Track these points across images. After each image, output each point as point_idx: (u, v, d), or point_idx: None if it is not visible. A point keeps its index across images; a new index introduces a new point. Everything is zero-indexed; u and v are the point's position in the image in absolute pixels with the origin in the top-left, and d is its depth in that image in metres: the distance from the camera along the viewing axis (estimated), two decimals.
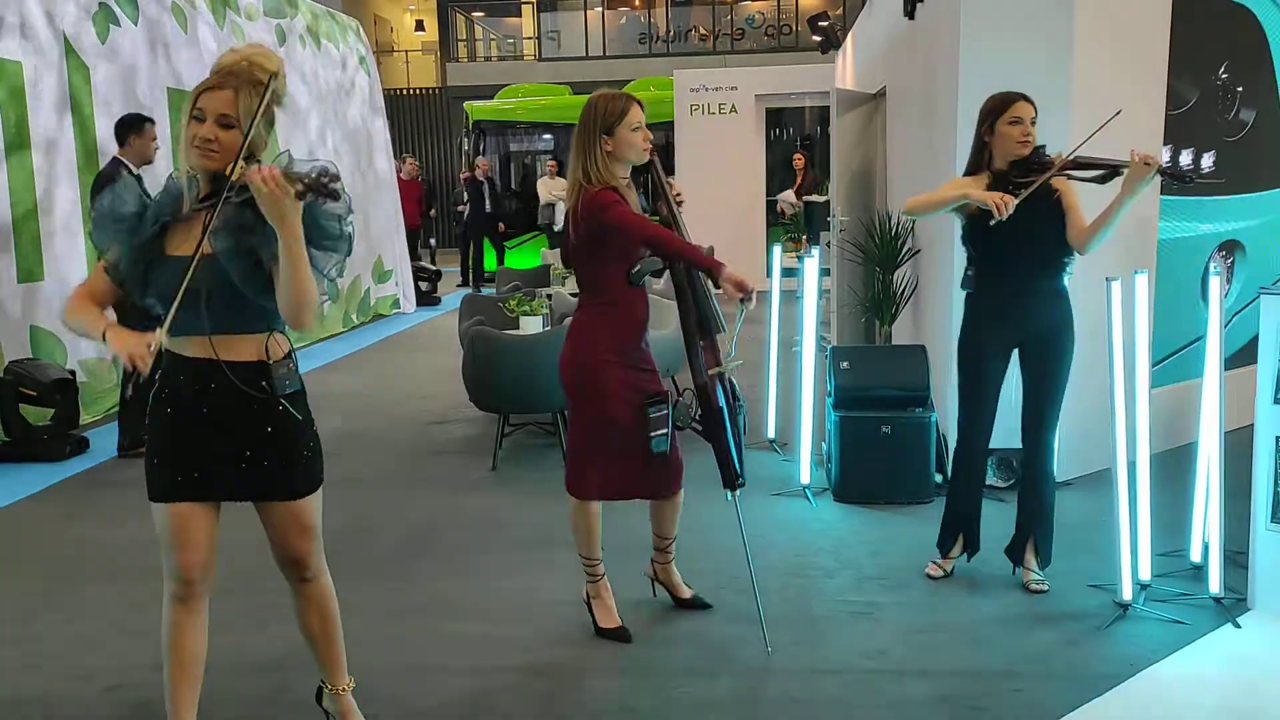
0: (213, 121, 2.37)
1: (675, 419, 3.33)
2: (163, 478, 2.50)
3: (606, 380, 3.35)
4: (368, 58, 12.47)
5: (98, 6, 7.14)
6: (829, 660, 3.35)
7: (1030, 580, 3.85)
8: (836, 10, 19.82)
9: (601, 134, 3.27)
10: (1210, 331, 3.65)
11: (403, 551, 4.44)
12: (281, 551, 2.64)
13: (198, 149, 2.37)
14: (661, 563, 3.73)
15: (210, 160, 2.37)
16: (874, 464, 4.88)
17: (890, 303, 6.67)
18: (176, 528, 2.50)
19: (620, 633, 3.51)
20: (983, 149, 3.72)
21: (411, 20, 27.85)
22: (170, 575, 2.55)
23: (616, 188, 3.28)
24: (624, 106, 3.30)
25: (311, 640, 2.78)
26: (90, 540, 4.64)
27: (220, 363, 2.43)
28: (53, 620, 3.77)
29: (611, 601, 3.58)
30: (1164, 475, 4.11)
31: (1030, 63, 4.81)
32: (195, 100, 2.38)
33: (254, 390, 2.46)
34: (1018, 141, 3.62)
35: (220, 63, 2.45)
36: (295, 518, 2.59)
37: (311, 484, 2.61)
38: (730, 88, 14.09)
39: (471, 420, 6.74)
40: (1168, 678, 3.22)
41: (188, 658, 2.60)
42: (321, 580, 2.72)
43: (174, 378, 2.49)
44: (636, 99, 3.35)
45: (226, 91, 2.37)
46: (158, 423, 2.51)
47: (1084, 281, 4.76)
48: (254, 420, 2.49)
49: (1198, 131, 5.52)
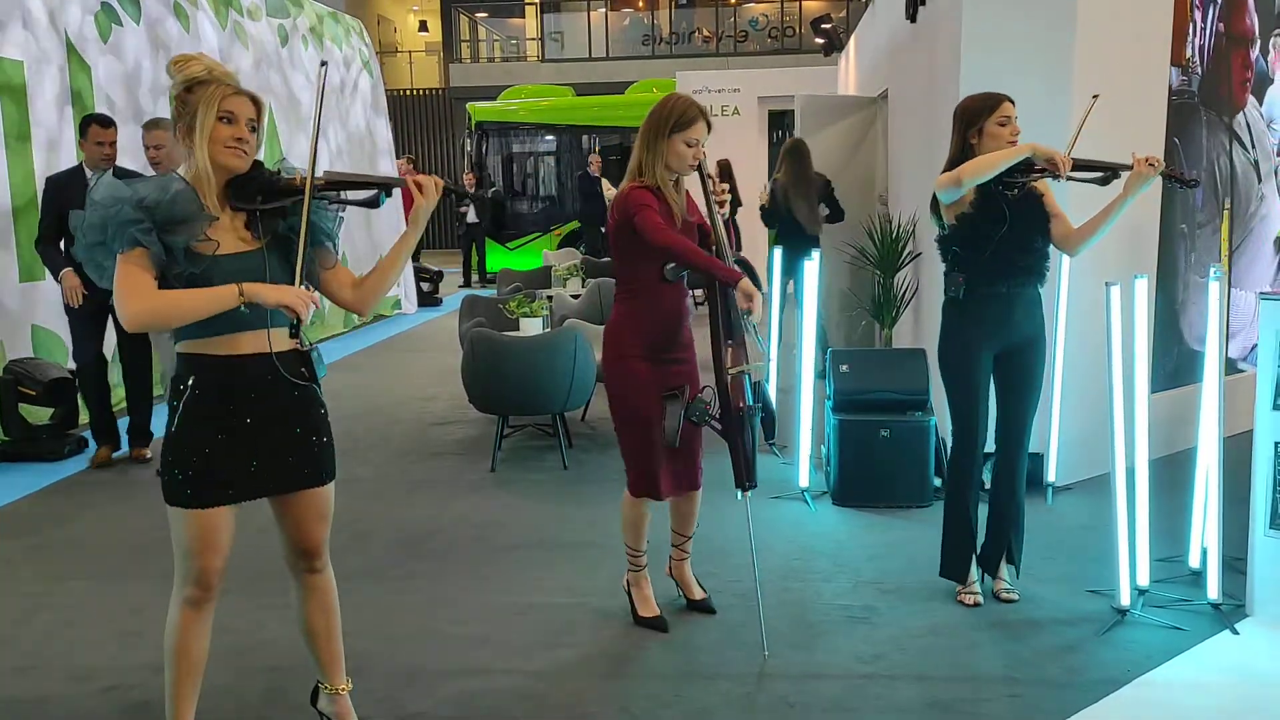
0: (244, 124, 2.46)
1: (691, 414, 3.35)
2: (201, 483, 2.49)
3: (629, 374, 3.42)
4: (370, 58, 12.49)
5: (100, 6, 7.14)
6: (825, 665, 3.34)
7: (1002, 590, 3.81)
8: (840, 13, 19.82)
9: (665, 134, 3.32)
10: (1210, 337, 3.64)
11: (401, 553, 4.44)
12: (300, 542, 2.69)
13: (230, 149, 2.45)
14: (677, 559, 3.75)
15: (240, 160, 2.47)
16: (873, 468, 4.88)
17: (891, 306, 6.66)
18: (207, 532, 2.51)
19: (658, 622, 3.60)
20: (968, 150, 3.67)
21: (415, 21, 27.88)
22: (189, 580, 2.55)
23: (659, 188, 3.34)
24: (691, 118, 3.33)
25: (313, 637, 2.80)
26: (88, 540, 4.64)
27: (271, 355, 2.52)
28: (49, 620, 3.77)
29: (650, 591, 3.67)
30: (1163, 481, 4.11)
31: (1032, 65, 4.81)
32: (220, 103, 2.43)
33: (300, 379, 2.57)
34: (1007, 141, 3.59)
35: (189, 71, 2.46)
36: (323, 503, 2.69)
37: (335, 468, 2.72)
38: (733, 89, 14.10)
39: (471, 422, 6.74)
40: (1166, 684, 3.21)
41: (193, 662, 2.61)
42: (328, 572, 2.78)
43: (221, 378, 2.49)
44: (703, 110, 3.36)
45: (247, 99, 2.48)
46: (205, 428, 2.49)
47: (1083, 286, 4.77)
48: (300, 408, 2.59)
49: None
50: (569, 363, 5.51)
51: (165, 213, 2.38)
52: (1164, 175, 3.48)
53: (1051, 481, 5.02)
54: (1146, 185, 3.46)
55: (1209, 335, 3.65)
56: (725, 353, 3.39)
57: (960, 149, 3.69)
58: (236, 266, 2.45)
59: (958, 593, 3.82)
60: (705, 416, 3.37)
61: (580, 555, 4.34)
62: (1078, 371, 4.94)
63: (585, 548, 4.43)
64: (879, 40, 8.71)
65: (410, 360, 9.40)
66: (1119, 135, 4.46)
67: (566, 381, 5.54)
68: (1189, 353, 5.58)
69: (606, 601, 3.84)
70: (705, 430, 3.48)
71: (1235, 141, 5.86)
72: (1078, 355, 4.92)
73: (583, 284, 8.20)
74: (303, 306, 2.42)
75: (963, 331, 3.72)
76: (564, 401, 5.64)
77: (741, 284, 3.20)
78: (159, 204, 2.38)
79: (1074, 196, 3.85)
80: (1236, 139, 5.87)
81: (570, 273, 8.50)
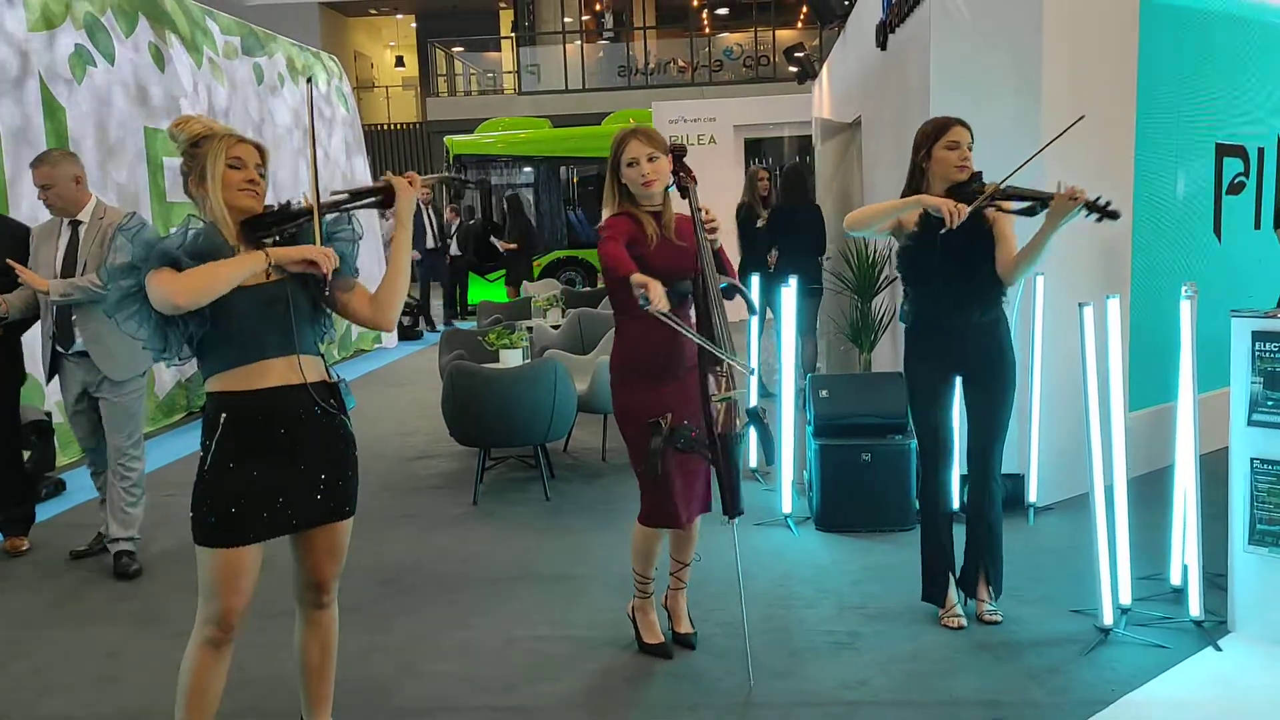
0: (252, 168, 2.58)
1: (675, 441, 3.33)
2: (239, 521, 2.51)
3: (621, 399, 3.46)
4: (347, 94, 12.52)
5: (73, 47, 7.14)
6: (810, 693, 3.33)
7: (984, 611, 3.80)
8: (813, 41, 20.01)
9: (612, 170, 3.38)
10: (1183, 355, 3.67)
11: (382, 589, 4.40)
12: (314, 576, 2.72)
13: (244, 190, 2.56)
14: (673, 588, 3.73)
15: (254, 200, 2.57)
16: (855, 492, 4.88)
17: (869, 330, 6.69)
18: (232, 573, 2.52)
19: (663, 649, 3.61)
20: (919, 174, 3.68)
21: (392, 56, 28.01)
22: (211, 620, 2.56)
23: (631, 214, 3.35)
24: (618, 144, 3.36)
25: (307, 671, 2.81)
26: (65, 585, 4.58)
27: (306, 385, 2.57)
28: (20, 669, 3.72)
29: (655, 618, 3.67)
30: (1142, 499, 4.12)
31: (1000, 89, 4.86)
32: (228, 151, 2.54)
33: (330, 409, 2.62)
34: (955, 166, 3.58)
35: (190, 130, 2.59)
36: (342, 537, 2.72)
37: (356, 503, 2.76)
38: (709, 119, 14.20)
39: (453, 455, 6.71)
40: (1150, 702, 3.21)
41: (207, 702, 2.61)
42: (333, 609, 2.81)
43: (251, 414, 2.52)
44: (638, 131, 3.37)
45: (252, 148, 2.60)
46: (237, 466, 2.51)
47: (1058, 306, 4.81)
48: (329, 440, 2.63)
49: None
50: (549, 394, 5.49)
51: (191, 249, 2.47)
52: (1087, 205, 3.41)
53: (1033, 502, 5.03)
54: (1070, 217, 3.41)
55: (1182, 352, 3.67)
56: (708, 380, 3.38)
57: (911, 172, 3.72)
58: (262, 296, 2.52)
59: (940, 616, 3.81)
60: (690, 443, 3.36)
61: (562, 587, 4.32)
62: (1056, 392, 4.97)
63: (567, 579, 4.40)
64: (851, 68, 8.80)
65: (391, 395, 9.36)
66: (1088, 159, 4.52)
67: (547, 412, 5.53)
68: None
69: (589, 633, 3.82)
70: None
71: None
72: (1055, 376, 4.95)
73: (563, 314, 8.20)
74: (324, 258, 2.49)
75: (916, 358, 3.75)
76: (545, 432, 5.62)
77: (632, 277, 3.03)
78: (183, 245, 2.47)
79: (1012, 224, 3.80)
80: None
81: (550, 303, 8.51)
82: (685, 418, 3.34)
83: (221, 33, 9.41)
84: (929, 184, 3.66)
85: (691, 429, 3.33)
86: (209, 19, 9.23)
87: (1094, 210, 3.44)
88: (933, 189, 3.64)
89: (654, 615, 3.68)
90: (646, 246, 3.31)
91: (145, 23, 8.08)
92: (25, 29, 6.70)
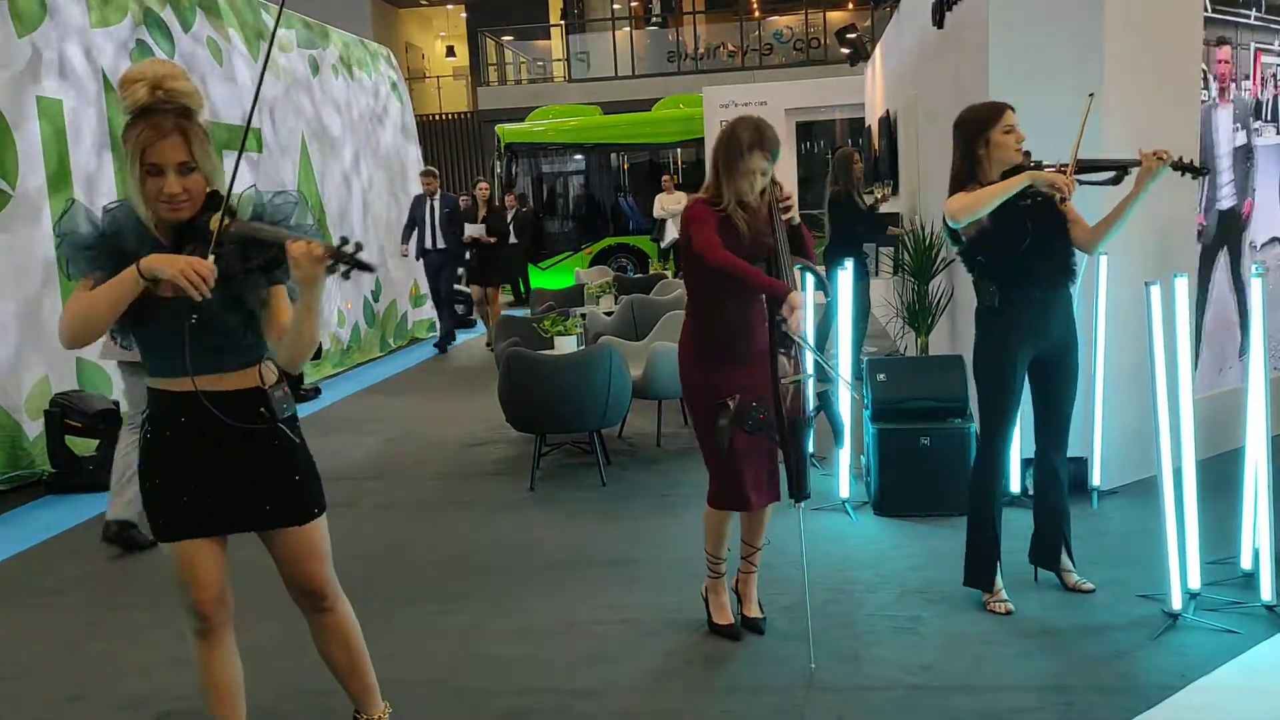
0: (174, 173, 2.27)
1: (744, 422, 3.35)
2: (165, 517, 2.50)
3: (691, 382, 3.51)
4: (399, 84, 12.62)
5: (134, 43, 7.28)
6: (873, 677, 3.31)
7: (1073, 580, 3.86)
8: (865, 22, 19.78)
9: (737, 155, 3.34)
10: (1254, 335, 3.58)
11: (441, 574, 4.45)
12: (297, 582, 2.62)
13: (165, 204, 2.28)
14: (744, 572, 3.74)
15: (181, 213, 2.31)
16: (913, 476, 4.83)
17: (926, 313, 6.62)
18: (187, 565, 2.50)
19: (732, 630, 3.63)
20: (975, 162, 3.66)
21: (442, 46, 28.18)
22: (187, 612, 2.56)
23: (723, 204, 3.35)
24: (749, 144, 3.31)
25: (338, 673, 2.75)
26: (135, 568, 4.69)
27: (223, 394, 2.40)
28: (97, 649, 3.82)
29: (726, 599, 3.69)
30: (1211, 481, 4.03)
31: (1060, 67, 4.76)
32: (143, 155, 2.25)
33: (253, 420, 2.45)
34: (1015, 149, 3.61)
35: (133, 98, 2.26)
36: (308, 543, 2.58)
37: (319, 505, 2.60)
38: (760, 103, 14.10)
39: (509, 441, 6.76)
40: (1220, 688, 3.15)
41: (223, 689, 2.61)
42: (339, 608, 2.69)
43: (173, 416, 2.45)
44: (768, 145, 3.33)
45: (174, 138, 2.26)
46: (156, 463, 2.48)
47: (1121, 286, 4.71)
48: (258, 449, 2.48)
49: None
50: (604, 380, 5.51)
51: (113, 243, 2.33)
52: (1174, 166, 3.48)
53: (1097, 485, 4.95)
54: (1158, 178, 3.48)
55: (1253, 332, 3.59)
56: (782, 363, 3.39)
57: (966, 161, 3.68)
58: (156, 308, 2.31)
59: (985, 602, 3.78)
60: (759, 425, 3.37)
61: (620, 571, 4.34)
62: (1119, 374, 4.88)
63: (625, 564, 4.42)
64: (905, 48, 8.68)
65: (447, 382, 9.45)
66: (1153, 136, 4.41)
67: (602, 398, 5.54)
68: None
69: (648, 617, 3.83)
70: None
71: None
72: (1119, 357, 4.86)
73: (615, 301, 8.21)
74: (197, 280, 2.16)
75: (1000, 339, 3.70)
76: (600, 418, 5.64)
77: (790, 296, 3.25)
78: (107, 234, 2.34)
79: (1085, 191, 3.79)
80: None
81: (603, 290, 8.53)
82: (754, 400, 3.36)
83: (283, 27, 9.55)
84: (985, 170, 3.65)
85: (760, 410, 3.35)
86: (264, 13, 9.36)
87: (1180, 168, 3.51)
88: (990, 174, 3.63)
89: (725, 596, 3.70)
90: (734, 231, 3.34)
91: (202, 16, 8.21)
92: (88, 24, 6.84)
